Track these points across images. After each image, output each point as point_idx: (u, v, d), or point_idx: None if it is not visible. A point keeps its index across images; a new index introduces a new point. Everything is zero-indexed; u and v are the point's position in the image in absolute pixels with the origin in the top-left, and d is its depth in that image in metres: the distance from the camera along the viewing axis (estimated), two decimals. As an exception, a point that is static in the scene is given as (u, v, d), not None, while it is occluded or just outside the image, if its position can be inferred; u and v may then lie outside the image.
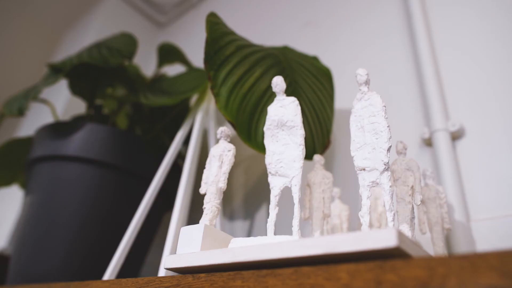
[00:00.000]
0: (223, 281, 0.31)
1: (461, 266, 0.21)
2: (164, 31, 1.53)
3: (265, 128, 0.42)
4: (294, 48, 0.70)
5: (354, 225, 0.56)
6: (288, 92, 0.57)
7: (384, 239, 0.24)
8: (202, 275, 0.33)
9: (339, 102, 0.73)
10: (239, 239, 0.36)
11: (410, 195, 0.41)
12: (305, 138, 0.58)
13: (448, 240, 0.50)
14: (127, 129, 0.83)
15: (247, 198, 0.81)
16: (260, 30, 1.07)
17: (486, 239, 0.47)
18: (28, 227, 0.64)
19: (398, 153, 0.43)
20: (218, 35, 0.54)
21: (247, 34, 1.11)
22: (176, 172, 0.69)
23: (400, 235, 0.25)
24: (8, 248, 1.04)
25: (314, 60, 0.68)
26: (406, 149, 0.43)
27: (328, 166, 0.68)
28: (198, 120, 0.65)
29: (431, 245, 0.45)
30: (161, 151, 0.71)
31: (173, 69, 1.16)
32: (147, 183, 0.67)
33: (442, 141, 0.56)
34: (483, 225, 0.48)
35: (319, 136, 0.61)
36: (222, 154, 0.43)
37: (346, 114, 0.70)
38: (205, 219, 0.39)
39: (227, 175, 0.41)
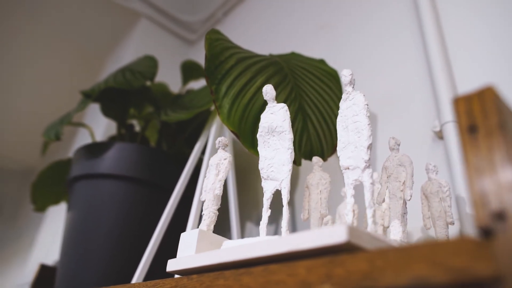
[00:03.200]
0: (210, 281, 0.34)
1: (397, 258, 0.22)
2: (195, 48, 1.61)
3: (257, 135, 0.45)
4: (301, 54, 0.71)
5: (363, 223, 0.56)
6: (291, 98, 0.59)
7: (336, 235, 0.26)
8: (194, 276, 0.36)
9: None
10: (230, 241, 0.38)
11: (401, 190, 0.40)
12: (312, 140, 0.59)
13: (461, 234, 0.48)
14: (155, 144, 0.89)
15: (272, 203, 0.83)
16: (277, 37, 1.10)
17: (499, 232, 0.45)
18: (70, 241, 0.71)
19: (391, 149, 0.43)
20: (218, 51, 0.57)
21: (266, 41, 1.14)
22: (197, 181, 0.73)
23: (352, 230, 0.26)
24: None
25: (320, 63, 0.69)
26: (398, 145, 0.43)
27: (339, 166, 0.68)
28: (212, 132, 0.69)
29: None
30: (184, 164, 0.76)
31: (201, 85, 1.21)
32: (173, 194, 0.72)
33: (452, 133, 0.54)
34: (496, 217, 0.46)
35: (328, 138, 0.61)
36: (219, 163, 0.45)
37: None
38: (203, 224, 0.42)
39: (222, 182, 0.44)
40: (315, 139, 0.59)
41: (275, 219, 0.81)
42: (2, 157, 2.62)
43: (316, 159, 0.49)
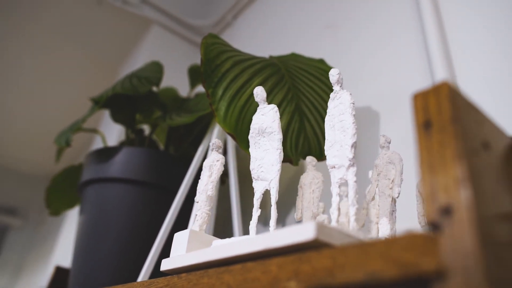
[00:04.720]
0: (196, 279, 0.35)
1: (356, 254, 0.22)
2: (206, 52, 1.63)
3: (249, 136, 0.45)
4: (301, 54, 0.71)
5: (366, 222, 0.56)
6: (287, 99, 0.59)
7: (304, 233, 0.26)
8: (183, 274, 0.37)
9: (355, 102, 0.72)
10: (219, 240, 0.39)
11: (390, 188, 0.40)
12: (310, 140, 0.59)
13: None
14: (163, 147, 0.91)
15: (278, 204, 0.84)
16: (285, 38, 1.10)
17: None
18: (82, 243, 0.74)
19: (381, 147, 0.43)
20: (214, 55, 0.58)
21: (275, 42, 1.15)
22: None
23: (320, 227, 0.26)
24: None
25: (319, 63, 0.69)
26: (389, 142, 0.43)
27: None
28: (214, 134, 0.70)
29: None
30: (189, 166, 0.77)
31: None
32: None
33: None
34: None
35: (326, 137, 0.61)
36: (212, 165, 0.46)
37: (360, 114, 0.70)
38: (195, 225, 0.43)
39: (214, 184, 0.45)
40: (312, 138, 0.60)
41: (279, 219, 0.82)
42: (27, 163, 2.73)
43: (309, 158, 0.49)
